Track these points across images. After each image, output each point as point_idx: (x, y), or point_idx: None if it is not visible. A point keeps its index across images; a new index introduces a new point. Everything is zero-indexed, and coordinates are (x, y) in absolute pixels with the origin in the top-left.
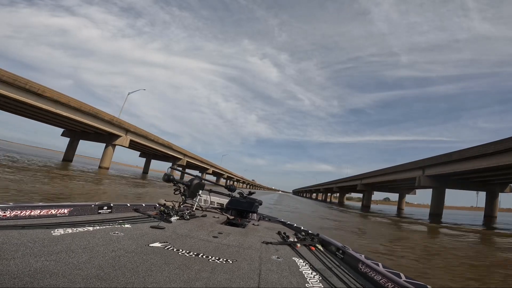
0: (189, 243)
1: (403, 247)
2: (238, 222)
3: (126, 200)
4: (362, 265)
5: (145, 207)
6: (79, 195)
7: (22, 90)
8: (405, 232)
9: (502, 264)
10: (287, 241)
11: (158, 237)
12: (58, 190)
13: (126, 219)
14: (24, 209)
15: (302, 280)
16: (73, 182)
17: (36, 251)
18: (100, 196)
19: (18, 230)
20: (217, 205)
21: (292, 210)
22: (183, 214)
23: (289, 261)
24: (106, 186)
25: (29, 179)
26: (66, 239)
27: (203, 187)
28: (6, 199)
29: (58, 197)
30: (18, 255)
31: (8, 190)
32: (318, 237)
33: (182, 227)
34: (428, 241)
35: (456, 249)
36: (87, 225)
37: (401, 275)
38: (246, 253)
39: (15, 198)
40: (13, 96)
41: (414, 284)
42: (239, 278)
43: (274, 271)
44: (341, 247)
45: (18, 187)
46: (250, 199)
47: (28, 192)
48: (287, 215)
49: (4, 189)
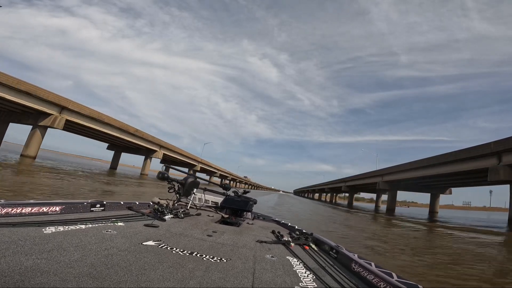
0: (183, 241)
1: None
2: (233, 221)
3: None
4: (355, 265)
5: (139, 205)
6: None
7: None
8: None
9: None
10: (281, 240)
11: (151, 235)
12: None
13: (119, 217)
14: (15, 206)
15: (296, 279)
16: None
17: (27, 249)
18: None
19: (8, 228)
20: (212, 203)
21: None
22: (177, 213)
23: (283, 260)
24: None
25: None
26: (58, 237)
27: (197, 186)
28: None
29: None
30: (8, 253)
31: (94, 190)
32: (312, 236)
33: (176, 226)
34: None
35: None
36: (79, 223)
37: (393, 274)
38: (240, 252)
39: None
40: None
41: (406, 283)
42: (233, 277)
43: (268, 270)
44: (335, 247)
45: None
46: (245, 198)
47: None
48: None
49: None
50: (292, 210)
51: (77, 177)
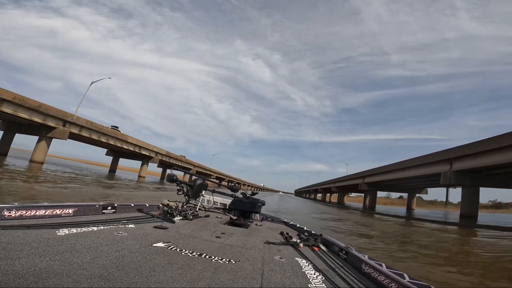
0: (192, 243)
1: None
2: (241, 223)
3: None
4: (365, 266)
5: (149, 207)
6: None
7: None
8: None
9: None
10: (290, 241)
11: (161, 237)
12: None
13: (130, 219)
14: (29, 209)
15: (305, 281)
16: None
17: (40, 251)
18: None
19: (23, 230)
20: (220, 205)
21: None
22: (186, 214)
23: (292, 261)
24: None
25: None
26: (71, 239)
27: (206, 188)
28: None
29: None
30: (23, 255)
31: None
32: (321, 237)
33: (185, 227)
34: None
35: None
36: (92, 225)
37: (405, 275)
38: (249, 253)
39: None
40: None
41: (418, 284)
42: (242, 278)
43: (277, 272)
44: (344, 248)
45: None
46: (253, 200)
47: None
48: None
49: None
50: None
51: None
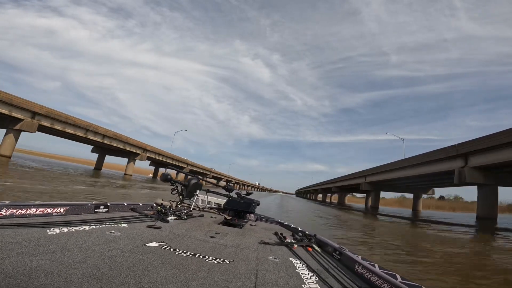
0: (186, 243)
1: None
2: (236, 223)
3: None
4: (358, 266)
5: (142, 206)
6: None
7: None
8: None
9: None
10: (284, 241)
11: (155, 236)
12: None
13: (123, 219)
14: (20, 207)
15: (299, 281)
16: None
17: (31, 250)
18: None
19: (13, 229)
20: (215, 205)
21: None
22: (180, 214)
23: (286, 261)
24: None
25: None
26: (62, 238)
27: (200, 187)
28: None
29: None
30: (13, 254)
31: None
32: (315, 238)
33: (179, 227)
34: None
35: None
36: (84, 224)
37: (397, 276)
38: (243, 253)
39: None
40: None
41: (410, 285)
42: (236, 279)
43: (271, 272)
44: (338, 248)
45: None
46: (248, 200)
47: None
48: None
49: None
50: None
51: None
